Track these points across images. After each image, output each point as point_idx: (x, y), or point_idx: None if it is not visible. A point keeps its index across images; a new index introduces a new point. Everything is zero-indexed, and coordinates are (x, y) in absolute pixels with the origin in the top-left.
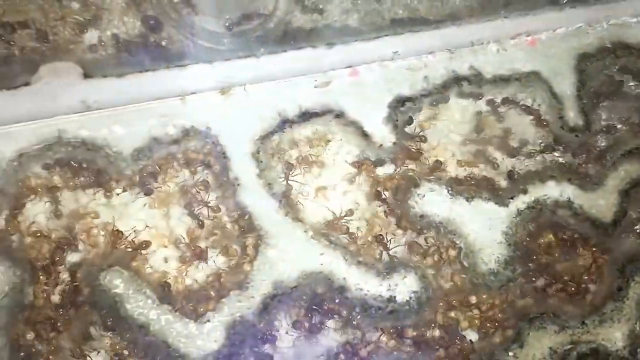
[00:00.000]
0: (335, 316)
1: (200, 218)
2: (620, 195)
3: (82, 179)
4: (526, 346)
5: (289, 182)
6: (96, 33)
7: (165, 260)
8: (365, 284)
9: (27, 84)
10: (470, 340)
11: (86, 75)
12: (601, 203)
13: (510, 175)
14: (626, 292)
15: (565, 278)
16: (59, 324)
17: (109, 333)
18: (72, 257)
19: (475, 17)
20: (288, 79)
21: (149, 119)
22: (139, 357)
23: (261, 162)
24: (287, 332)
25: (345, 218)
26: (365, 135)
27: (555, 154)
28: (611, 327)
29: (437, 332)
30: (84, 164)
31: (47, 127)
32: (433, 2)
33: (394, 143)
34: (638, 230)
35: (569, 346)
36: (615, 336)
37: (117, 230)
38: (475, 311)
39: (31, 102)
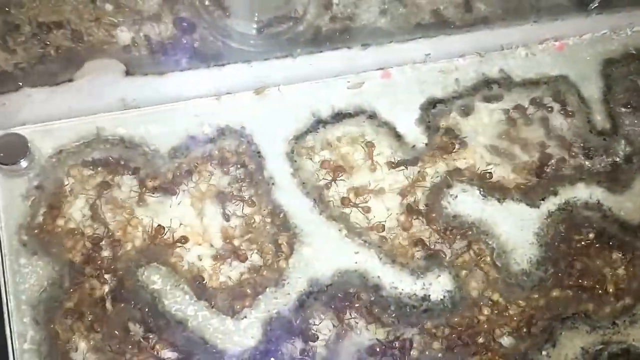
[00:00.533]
0: (370, 314)
1: (235, 216)
2: None
3: (119, 176)
4: (559, 346)
5: (322, 181)
6: (129, 34)
7: (200, 258)
8: (399, 282)
9: (70, 80)
10: (503, 340)
11: (128, 73)
12: (629, 205)
13: (539, 176)
14: None
15: (596, 279)
16: (97, 320)
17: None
18: (110, 254)
19: (505, 21)
20: (321, 80)
21: (185, 118)
22: (178, 352)
23: (295, 161)
24: (322, 330)
25: (379, 218)
26: (398, 136)
27: (584, 157)
28: None
29: (470, 331)
30: (121, 162)
31: (86, 125)
32: (462, 8)
33: (426, 144)
34: None
35: (600, 346)
36: None
37: (159, 225)
38: (509, 311)
39: (71, 100)
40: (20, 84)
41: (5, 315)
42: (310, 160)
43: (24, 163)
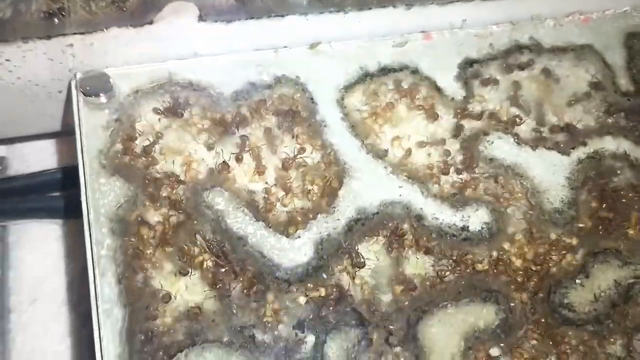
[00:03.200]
0: (414, 241)
1: (290, 154)
2: None
3: (188, 117)
4: (592, 277)
5: (370, 125)
6: None
7: (258, 189)
8: (440, 214)
9: (151, 22)
10: (534, 270)
11: (200, 19)
12: None
13: (570, 128)
14: None
15: (625, 220)
16: (167, 233)
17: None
18: (180, 179)
19: None
20: (369, 40)
21: (246, 67)
22: (237, 264)
23: (345, 107)
24: (369, 256)
25: (421, 160)
26: (438, 89)
27: (611, 114)
28: None
29: (517, 261)
30: (190, 103)
31: (160, 69)
32: None
33: (464, 97)
34: None
35: (632, 280)
36: None
37: (224, 161)
38: (544, 246)
39: (149, 46)
40: (106, 26)
41: (85, 226)
42: (359, 107)
43: (103, 98)
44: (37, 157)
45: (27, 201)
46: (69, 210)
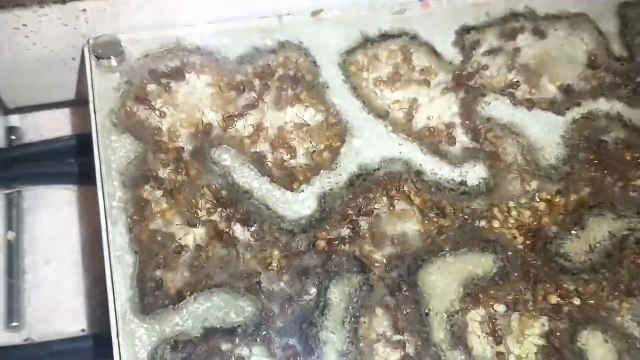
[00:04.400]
0: (412, 194)
1: (294, 114)
2: None
3: (195, 79)
4: (587, 229)
5: (371, 87)
6: None
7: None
8: (439, 169)
9: None
10: (531, 222)
11: None
12: None
13: (566, 89)
14: None
15: (620, 176)
16: (175, 187)
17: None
18: (187, 136)
19: None
20: (370, 7)
21: (251, 33)
22: (243, 216)
23: (347, 70)
24: (370, 205)
25: (422, 121)
26: (436, 53)
27: (604, 78)
28: None
29: (514, 214)
30: (197, 66)
31: (168, 35)
32: None
33: (462, 61)
34: None
35: (627, 232)
36: None
37: (229, 115)
38: (540, 200)
39: (157, 12)
40: None
41: (98, 179)
42: (360, 70)
43: (114, 61)
44: (50, 127)
45: (41, 167)
46: (83, 176)
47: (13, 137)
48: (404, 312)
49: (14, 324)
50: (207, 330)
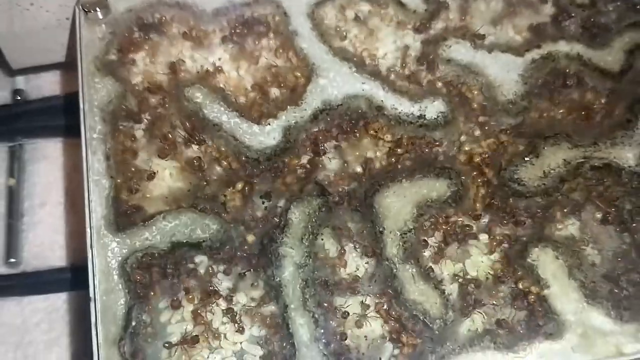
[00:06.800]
0: (373, 127)
1: (264, 59)
2: (626, 54)
3: (175, 31)
4: (542, 157)
5: (337, 33)
6: None
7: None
8: (400, 105)
9: None
10: (487, 152)
11: None
12: (608, 59)
13: (526, 35)
14: (635, 123)
15: (577, 110)
16: (151, 122)
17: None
18: (163, 79)
19: None
20: None
21: None
22: (214, 144)
23: (315, 19)
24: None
25: (385, 63)
26: (401, 4)
27: (564, 22)
28: (622, 149)
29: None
30: (174, 24)
31: None
32: None
33: (425, 10)
34: None
35: (582, 159)
36: (627, 156)
37: (207, 70)
38: (496, 132)
39: None
40: None
41: (81, 115)
42: (327, 19)
43: (100, 14)
44: (52, 89)
45: (40, 121)
46: (74, 129)
47: (18, 98)
48: (361, 231)
49: (12, 260)
50: (173, 244)
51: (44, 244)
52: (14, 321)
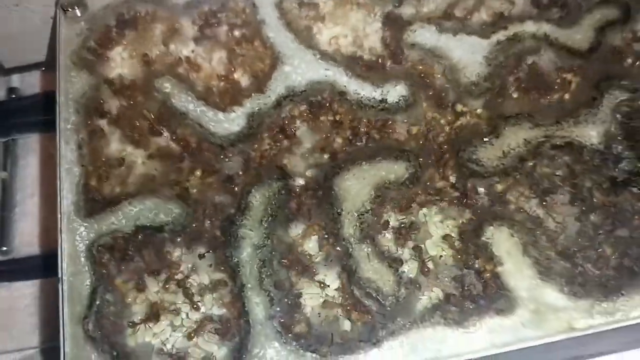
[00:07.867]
0: (334, 112)
1: (233, 50)
2: (596, 31)
3: (148, 25)
4: (502, 137)
5: (304, 22)
6: None
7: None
8: (362, 90)
9: None
10: (446, 134)
11: None
12: (577, 37)
13: (494, 17)
14: (600, 101)
15: (540, 86)
16: (121, 112)
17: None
18: (136, 73)
19: None
20: None
21: None
22: (178, 133)
23: (282, 9)
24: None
25: (349, 49)
26: None
27: (535, 3)
28: (585, 127)
29: (432, 127)
30: (148, 18)
31: None
32: None
33: None
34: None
35: (543, 139)
36: (590, 134)
37: (180, 57)
38: (457, 113)
39: None
40: None
41: (57, 107)
42: (294, 9)
43: (78, 12)
44: (45, 87)
45: (32, 116)
46: None
47: (13, 97)
48: (319, 213)
49: (4, 248)
50: (138, 227)
51: (33, 233)
52: (2, 305)
